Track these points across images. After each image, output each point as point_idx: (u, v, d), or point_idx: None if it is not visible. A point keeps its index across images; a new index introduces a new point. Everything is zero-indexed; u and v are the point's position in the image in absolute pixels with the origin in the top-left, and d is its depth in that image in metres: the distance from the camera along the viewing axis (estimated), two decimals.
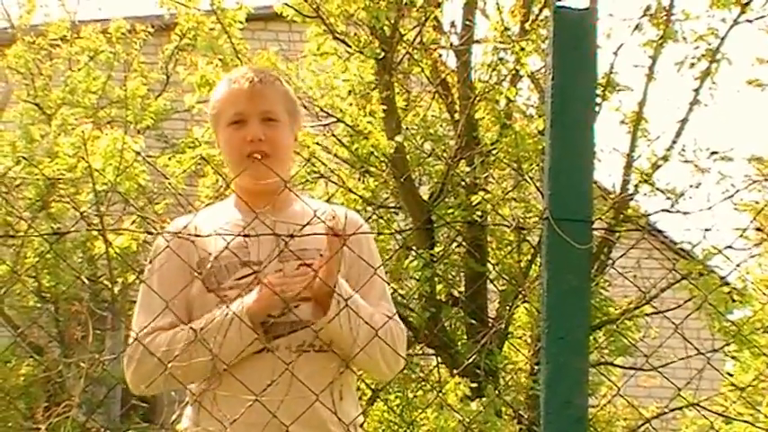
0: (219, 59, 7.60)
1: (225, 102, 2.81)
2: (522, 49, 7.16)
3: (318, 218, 2.57)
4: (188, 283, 2.70)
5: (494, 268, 7.80)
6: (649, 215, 7.98)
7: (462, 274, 7.96)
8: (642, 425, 8.41)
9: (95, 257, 9.32)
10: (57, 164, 8.79)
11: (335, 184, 7.50)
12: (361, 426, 2.79)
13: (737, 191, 7.60)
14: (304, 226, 2.58)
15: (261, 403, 2.53)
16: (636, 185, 7.63)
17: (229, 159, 2.80)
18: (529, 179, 7.57)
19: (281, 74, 7.78)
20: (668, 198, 7.53)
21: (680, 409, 8.34)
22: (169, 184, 8.48)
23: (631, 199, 7.72)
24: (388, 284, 2.94)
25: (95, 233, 8.81)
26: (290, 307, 2.61)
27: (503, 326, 7.58)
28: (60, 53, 10.34)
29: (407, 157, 7.59)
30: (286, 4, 7.47)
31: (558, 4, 2.21)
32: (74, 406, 7.35)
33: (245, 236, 2.62)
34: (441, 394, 6.91)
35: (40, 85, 10.13)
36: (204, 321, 2.62)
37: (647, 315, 7.97)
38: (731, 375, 9.46)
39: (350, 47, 7.36)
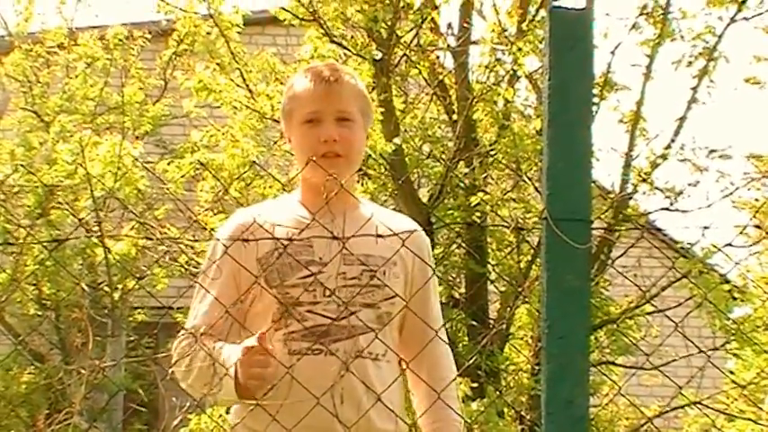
0: (217, 64, 7.62)
1: (299, 99, 2.77)
2: (520, 49, 7.17)
3: (399, 236, 2.61)
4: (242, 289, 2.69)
5: (494, 269, 7.80)
6: (648, 214, 7.99)
7: (462, 275, 7.96)
8: (644, 424, 8.41)
9: (95, 264, 9.33)
10: (55, 171, 8.79)
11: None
12: None
13: (736, 188, 7.61)
14: (378, 236, 2.61)
15: (322, 406, 2.53)
16: (635, 184, 7.63)
17: (301, 158, 2.76)
18: (527, 179, 7.57)
19: (279, 77, 7.80)
20: (667, 197, 7.53)
21: (682, 407, 8.34)
22: (168, 189, 8.48)
23: (630, 198, 7.72)
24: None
25: (95, 240, 8.81)
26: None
27: (503, 327, 7.58)
28: (58, 60, 10.35)
29: (406, 158, 7.59)
30: (283, 8, 7.47)
31: (555, 4, 2.21)
32: (75, 413, 7.33)
33: (311, 235, 2.63)
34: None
35: (37, 93, 10.14)
36: (225, 352, 2.61)
37: (647, 314, 7.97)
38: (733, 373, 9.46)
39: (347, 49, 7.36)
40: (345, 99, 2.76)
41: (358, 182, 7.66)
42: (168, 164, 8.69)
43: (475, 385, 6.72)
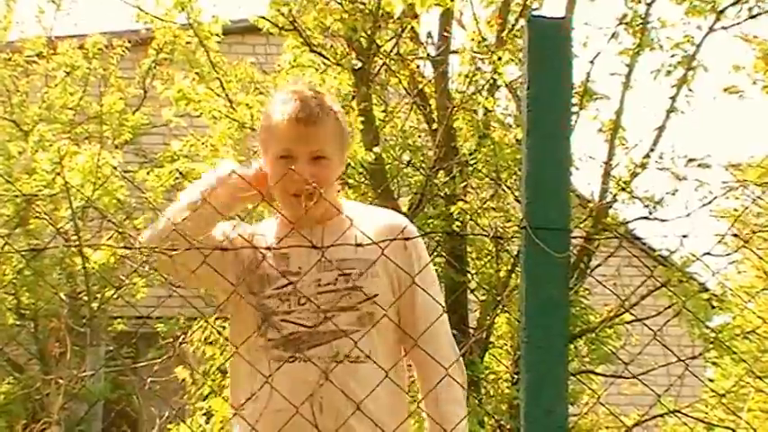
0: (197, 73, 7.60)
1: (275, 134, 2.77)
2: (499, 58, 7.18)
3: (375, 240, 2.62)
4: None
5: (473, 278, 7.81)
6: (628, 223, 8.01)
7: (442, 284, 7.95)
8: None
9: (74, 274, 9.29)
10: (34, 180, 8.75)
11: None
12: None
13: (715, 197, 7.64)
14: (360, 245, 2.67)
15: (302, 416, 2.54)
16: (614, 193, 7.65)
17: (275, 190, 2.77)
18: (507, 189, 7.59)
19: (259, 86, 7.80)
20: (646, 206, 7.55)
21: (661, 416, 8.36)
22: (147, 198, 8.46)
23: (610, 207, 7.74)
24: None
25: (74, 249, 8.78)
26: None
27: (483, 335, 7.59)
28: (37, 69, 10.31)
29: (386, 168, 7.59)
30: (262, 16, 7.46)
31: (534, 13, 2.22)
32: (54, 423, 7.31)
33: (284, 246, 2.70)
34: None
35: (16, 102, 10.09)
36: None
37: (627, 323, 7.99)
38: (712, 381, 9.49)
39: (327, 59, 7.36)
40: (321, 139, 2.77)
41: (338, 191, 7.67)
42: (148, 173, 8.67)
43: None
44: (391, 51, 7.63)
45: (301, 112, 2.75)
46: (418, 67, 7.99)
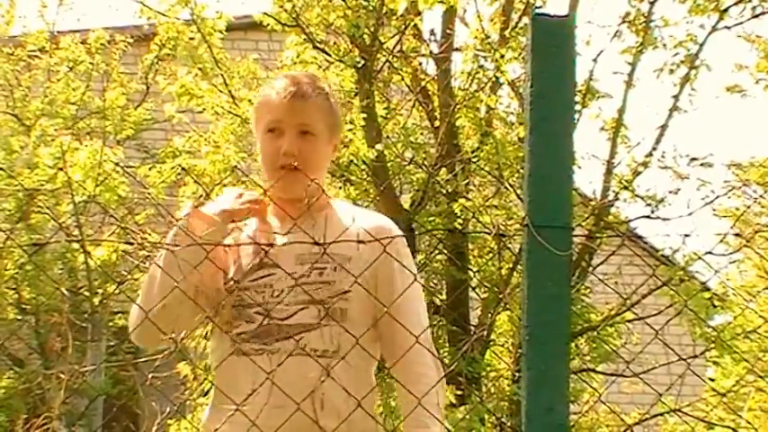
0: (199, 69, 7.60)
1: (265, 108, 2.82)
2: (502, 56, 7.18)
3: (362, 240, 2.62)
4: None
5: (475, 276, 7.81)
6: (630, 221, 8.01)
7: (444, 281, 7.96)
8: (624, 431, 8.43)
9: (75, 269, 9.29)
10: (36, 175, 8.76)
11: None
12: None
13: (717, 197, 7.64)
14: (332, 242, 2.63)
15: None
16: (616, 192, 7.65)
17: (263, 166, 2.82)
18: (509, 186, 7.59)
19: (261, 83, 7.79)
20: (648, 204, 7.55)
21: (662, 414, 8.35)
22: (149, 194, 8.47)
23: (612, 205, 7.74)
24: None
25: (75, 244, 8.78)
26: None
27: (484, 333, 7.59)
28: (39, 64, 10.31)
29: (388, 165, 7.59)
30: (266, 13, 7.46)
31: (537, 11, 2.22)
32: (54, 418, 7.32)
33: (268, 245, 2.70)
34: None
35: (18, 97, 10.10)
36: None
37: (628, 321, 7.99)
38: (713, 381, 9.50)
39: (330, 55, 7.36)
40: (309, 112, 2.79)
41: (340, 188, 7.68)
42: (149, 169, 8.67)
43: (458, 392, 6.73)
44: (394, 48, 7.63)
45: (291, 87, 2.80)
46: (421, 64, 7.99)
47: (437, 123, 7.75)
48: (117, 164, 8.54)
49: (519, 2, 7.57)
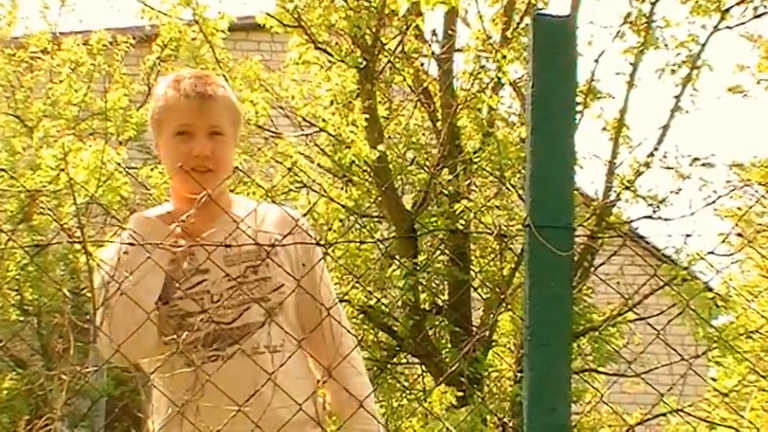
0: (201, 69, 7.60)
1: (171, 111, 2.77)
2: (504, 57, 7.18)
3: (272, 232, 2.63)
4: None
5: (477, 276, 7.81)
6: (631, 222, 8.01)
7: (446, 282, 7.96)
8: (626, 431, 8.43)
9: (78, 270, 9.29)
10: (38, 176, 8.76)
11: (318, 193, 7.50)
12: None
13: (719, 197, 7.64)
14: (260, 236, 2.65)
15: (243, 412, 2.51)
16: (618, 192, 7.65)
17: (170, 168, 2.79)
18: (511, 187, 7.59)
19: (264, 83, 7.80)
20: (650, 204, 7.55)
21: (664, 415, 8.35)
22: (151, 195, 8.47)
23: (613, 206, 7.74)
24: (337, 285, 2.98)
25: (77, 246, 8.78)
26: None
27: (486, 333, 7.59)
28: (41, 65, 10.32)
29: (390, 165, 7.59)
30: (268, 14, 7.47)
31: (539, 11, 2.22)
32: (56, 419, 7.31)
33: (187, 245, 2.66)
34: (426, 403, 6.91)
35: (20, 98, 10.10)
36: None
37: (630, 322, 7.99)
38: (715, 381, 9.49)
39: (332, 56, 7.36)
40: (217, 113, 2.77)
41: (342, 189, 7.68)
42: (152, 170, 8.67)
43: (459, 393, 6.73)
44: (396, 49, 7.63)
45: (198, 87, 2.77)
46: (422, 65, 7.99)
47: (439, 124, 7.75)
48: (119, 164, 8.54)
49: (521, 2, 7.57)
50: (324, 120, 7.47)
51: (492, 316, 7.60)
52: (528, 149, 2.19)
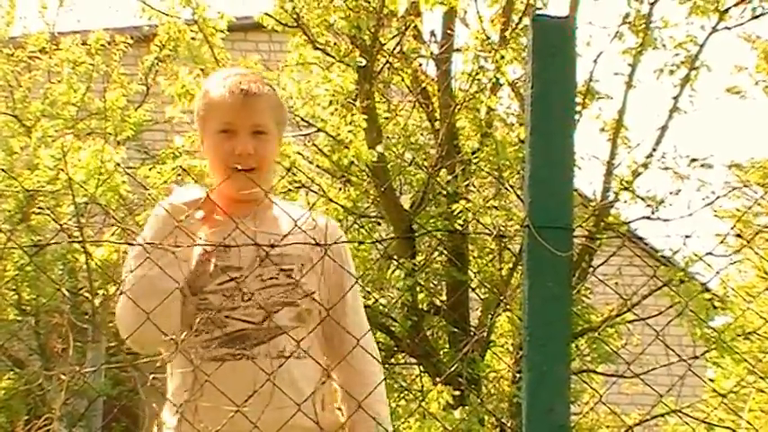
0: (201, 69, 7.60)
1: (216, 108, 2.76)
2: (503, 57, 7.18)
3: (300, 228, 2.57)
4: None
5: (475, 277, 7.81)
6: (630, 222, 8.01)
7: (444, 282, 7.96)
8: None
9: (76, 269, 9.29)
10: (37, 176, 8.76)
11: (316, 193, 7.50)
12: None
13: (717, 197, 7.65)
14: (285, 235, 2.59)
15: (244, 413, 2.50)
16: (616, 193, 7.65)
17: (215, 166, 2.78)
18: (510, 187, 7.59)
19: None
20: (649, 205, 7.55)
21: (662, 415, 8.36)
22: (149, 195, 8.46)
23: (612, 206, 7.74)
24: (367, 294, 2.97)
25: (76, 245, 8.78)
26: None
27: (485, 334, 7.59)
28: (39, 65, 10.31)
29: (388, 166, 7.59)
30: (267, 14, 7.47)
31: (538, 12, 2.22)
32: (55, 419, 7.31)
33: (224, 245, 2.62)
34: (423, 403, 6.91)
35: (19, 98, 10.10)
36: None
37: (628, 322, 7.99)
38: (713, 381, 9.50)
39: (331, 56, 7.36)
40: (261, 112, 2.76)
41: (340, 189, 7.68)
42: (150, 169, 8.67)
43: (456, 393, 6.72)
44: (394, 49, 7.63)
45: (243, 84, 2.75)
46: (421, 65, 7.98)
47: (437, 124, 7.75)
48: (118, 164, 8.54)
49: (519, 3, 7.57)
50: (322, 120, 7.47)
51: (490, 316, 7.60)
52: (527, 150, 2.19)
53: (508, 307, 7.41)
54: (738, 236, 7.17)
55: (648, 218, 7.61)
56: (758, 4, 7.78)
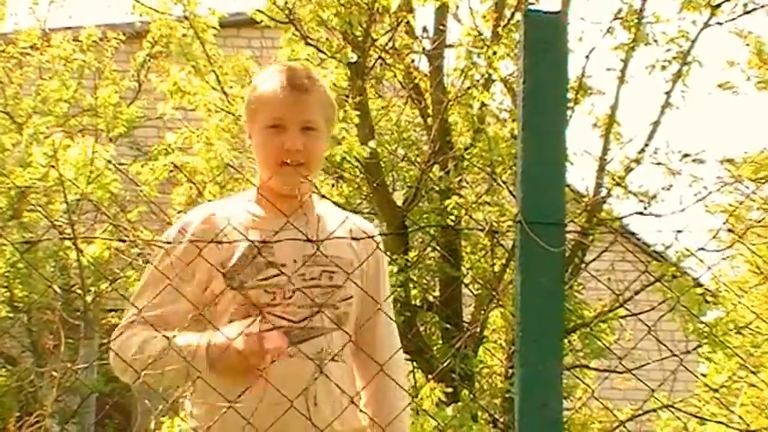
0: (192, 66, 7.59)
1: (266, 102, 2.74)
2: (495, 53, 7.18)
3: (353, 237, 2.64)
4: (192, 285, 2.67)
5: (468, 272, 7.81)
6: (622, 218, 8.02)
7: (437, 278, 7.96)
8: (617, 427, 8.44)
9: (68, 266, 9.28)
10: (28, 173, 8.74)
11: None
12: None
13: (709, 193, 7.65)
14: (329, 237, 2.63)
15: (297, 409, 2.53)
16: (609, 188, 7.66)
17: (263, 161, 2.76)
18: (502, 183, 7.59)
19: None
20: (641, 201, 7.56)
21: (654, 410, 8.37)
22: (141, 191, 8.46)
23: (604, 202, 7.75)
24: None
25: (68, 242, 8.77)
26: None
27: (478, 330, 7.59)
28: (31, 61, 10.29)
29: (381, 162, 7.59)
30: (259, 10, 7.46)
31: (530, 7, 2.22)
32: (47, 416, 7.31)
33: (265, 242, 2.64)
34: (416, 399, 6.91)
35: (10, 94, 10.08)
36: (181, 339, 2.60)
37: (621, 318, 8.00)
38: (705, 376, 9.51)
39: (323, 52, 7.36)
40: (311, 108, 2.74)
41: (333, 186, 7.68)
42: (142, 166, 8.67)
43: (449, 389, 6.73)
44: (387, 45, 7.63)
45: (293, 79, 2.74)
46: (413, 61, 7.98)
47: (430, 120, 7.75)
48: (109, 161, 8.53)
49: None
50: None
51: (483, 312, 7.61)
52: (519, 145, 2.19)
53: (501, 303, 7.42)
54: (730, 231, 7.19)
55: (641, 213, 7.62)
56: (749, 0, 7.78)
